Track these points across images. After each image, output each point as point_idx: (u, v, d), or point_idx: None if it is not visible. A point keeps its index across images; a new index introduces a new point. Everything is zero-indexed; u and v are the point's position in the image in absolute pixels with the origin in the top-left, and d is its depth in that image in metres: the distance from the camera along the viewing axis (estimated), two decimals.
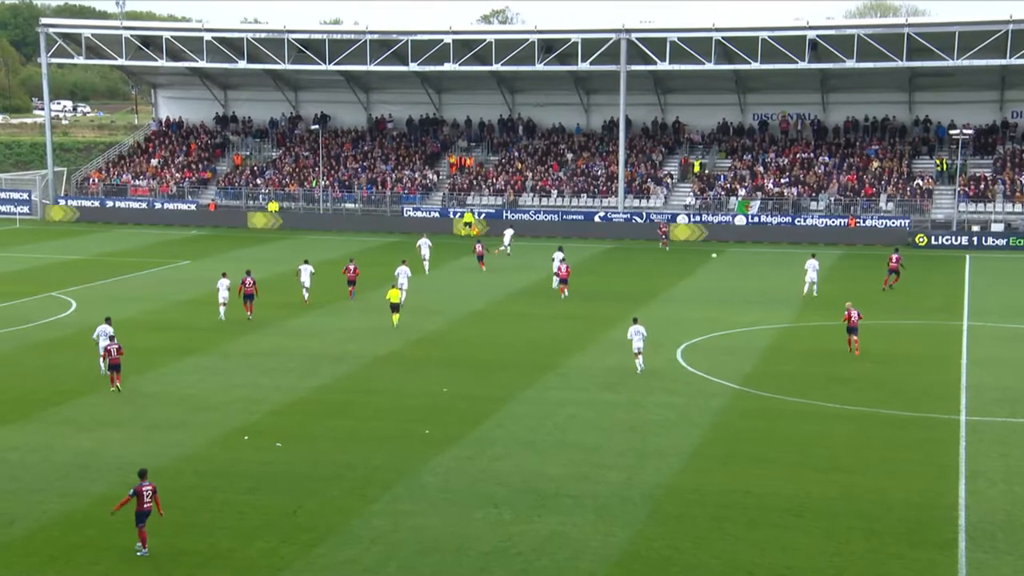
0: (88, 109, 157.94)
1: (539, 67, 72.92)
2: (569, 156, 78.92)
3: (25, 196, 79.95)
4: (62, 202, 79.58)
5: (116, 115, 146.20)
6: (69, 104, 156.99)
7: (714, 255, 61.06)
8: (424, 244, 56.35)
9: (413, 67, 74.96)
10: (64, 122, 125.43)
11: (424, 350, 38.72)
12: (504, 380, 34.45)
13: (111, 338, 33.98)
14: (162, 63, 79.70)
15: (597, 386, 33.76)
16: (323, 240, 68.81)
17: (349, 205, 76.87)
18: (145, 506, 21.48)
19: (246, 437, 28.66)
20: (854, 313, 37.76)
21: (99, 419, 30.20)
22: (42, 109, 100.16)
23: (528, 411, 31.07)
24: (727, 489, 24.91)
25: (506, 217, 72.07)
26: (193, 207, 77.41)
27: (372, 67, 75.47)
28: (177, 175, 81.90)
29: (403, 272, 47.05)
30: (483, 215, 72.12)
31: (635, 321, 36.37)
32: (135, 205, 78.15)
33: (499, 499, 24.36)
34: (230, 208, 77.81)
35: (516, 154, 79.96)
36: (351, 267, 47.92)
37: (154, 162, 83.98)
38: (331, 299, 47.72)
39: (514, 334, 41.51)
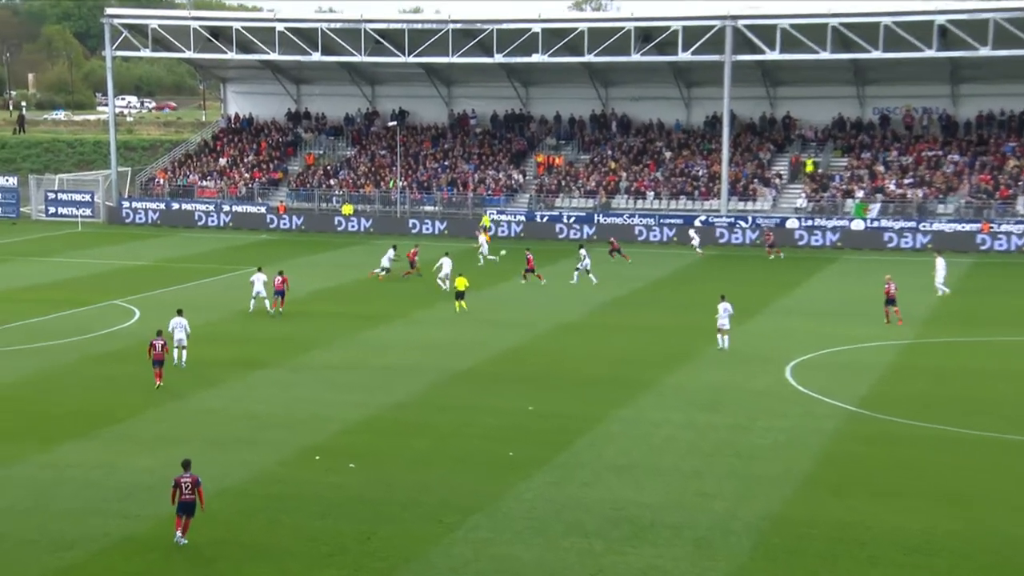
0: (153, 105, 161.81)
1: (635, 58, 72.71)
2: (667, 155, 78.51)
3: (87, 198, 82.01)
4: (126, 204, 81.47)
5: (183, 112, 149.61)
6: (134, 100, 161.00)
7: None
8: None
9: (498, 58, 75.33)
10: (128, 119, 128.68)
11: (507, 365, 38.81)
12: (595, 398, 34.35)
13: (158, 333, 35.97)
14: (232, 56, 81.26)
15: (697, 406, 33.50)
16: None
17: (428, 208, 77.46)
18: (184, 497, 23.00)
19: (317, 457, 29.02)
20: (892, 286, 44.05)
21: (162, 436, 30.83)
22: (106, 105, 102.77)
23: (621, 432, 30.95)
24: (842, 522, 24.49)
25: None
26: (263, 210, 78.68)
27: (454, 59, 76.02)
28: (246, 175, 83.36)
29: (446, 263, 52.78)
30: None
31: (723, 299, 40.32)
32: (202, 207, 79.69)
33: (589, 528, 24.28)
34: (301, 211, 78.92)
35: (609, 152, 79.79)
36: (413, 252, 56.14)
37: (222, 161, 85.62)
38: (405, 310, 48.11)
39: (605, 348, 41.38)
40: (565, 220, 73.26)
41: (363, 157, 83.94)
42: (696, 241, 65.85)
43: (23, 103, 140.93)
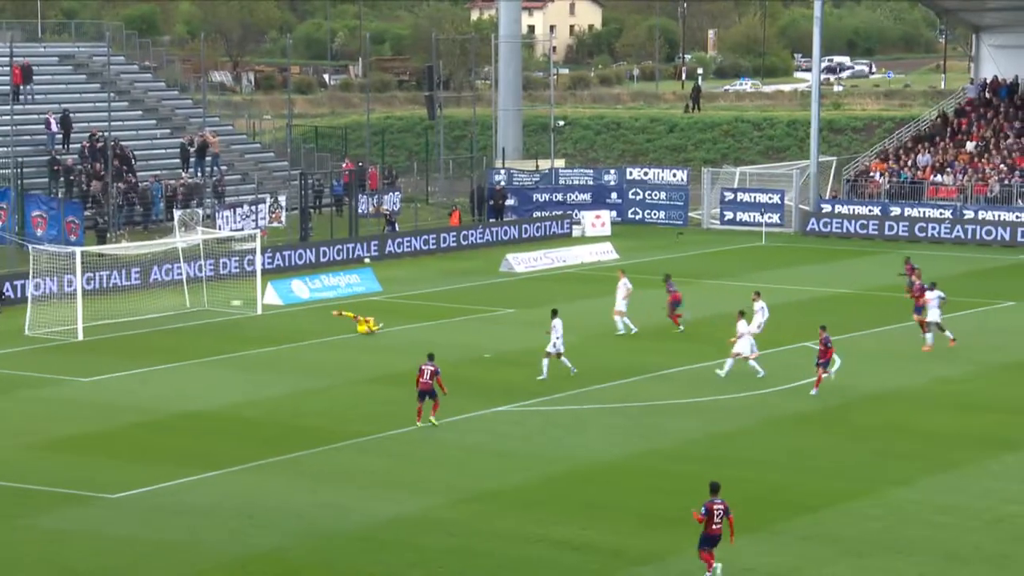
0: (872, 69, 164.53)
1: None
2: None
3: (775, 199, 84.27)
4: (826, 207, 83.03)
5: (912, 76, 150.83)
6: (846, 60, 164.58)
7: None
8: None
9: None
10: (837, 88, 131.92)
11: None
12: None
13: (430, 357, 38.37)
14: None
15: None
16: None
17: None
18: (714, 528, 27.03)
19: None
20: None
21: (880, 538, 30.83)
22: (806, 70, 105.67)
23: None
24: None
25: None
26: (1021, 216, 76.69)
27: None
28: (1002, 167, 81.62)
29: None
30: None
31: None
32: (933, 213, 79.16)
33: None
34: None
35: None
36: None
37: (969, 146, 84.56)
38: None
39: None
40: None
41: None
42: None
43: (699, 71, 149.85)
